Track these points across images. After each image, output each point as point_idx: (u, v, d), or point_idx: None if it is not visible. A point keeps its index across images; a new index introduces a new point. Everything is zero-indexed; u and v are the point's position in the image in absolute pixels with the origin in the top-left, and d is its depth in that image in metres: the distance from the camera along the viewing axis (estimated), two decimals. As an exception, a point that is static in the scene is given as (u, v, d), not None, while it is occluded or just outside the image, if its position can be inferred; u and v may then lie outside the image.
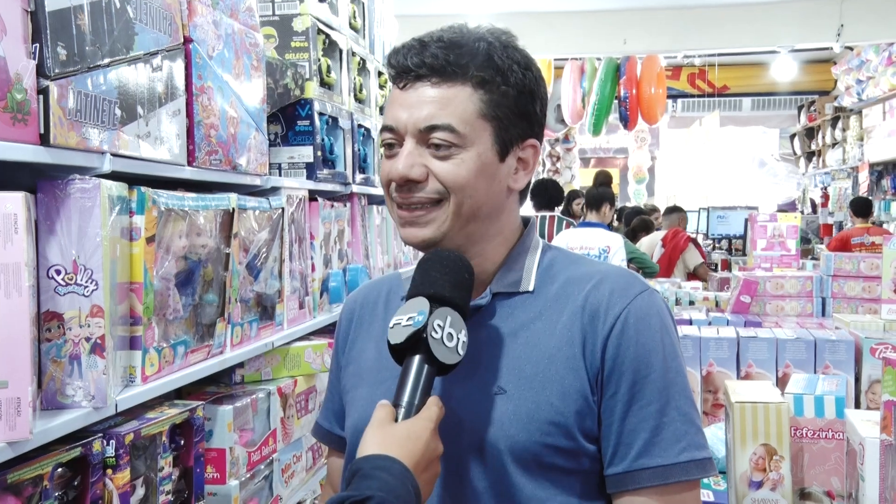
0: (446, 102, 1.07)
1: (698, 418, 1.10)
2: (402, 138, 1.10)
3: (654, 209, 9.58)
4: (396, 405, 1.00)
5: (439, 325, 1.01)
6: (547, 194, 6.00)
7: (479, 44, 1.09)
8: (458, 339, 1.02)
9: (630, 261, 5.29)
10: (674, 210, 7.80)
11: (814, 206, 11.66)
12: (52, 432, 1.31)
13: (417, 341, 1.01)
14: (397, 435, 0.96)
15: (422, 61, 1.08)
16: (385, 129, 1.12)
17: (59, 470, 1.35)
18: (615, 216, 5.79)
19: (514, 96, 1.10)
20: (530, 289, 1.14)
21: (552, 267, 1.16)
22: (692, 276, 6.23)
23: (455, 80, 1.08)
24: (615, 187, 12.62)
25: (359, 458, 0.95)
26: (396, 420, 0.99)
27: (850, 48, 9.00)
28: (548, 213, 5.93)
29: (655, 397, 1.07)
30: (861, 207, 7.87)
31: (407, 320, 1.02)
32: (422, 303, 1.03)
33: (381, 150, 1.18)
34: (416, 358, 1.01)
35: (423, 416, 0.99)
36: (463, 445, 1.08)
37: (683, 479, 1.06)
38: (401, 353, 1.03)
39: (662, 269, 6.29)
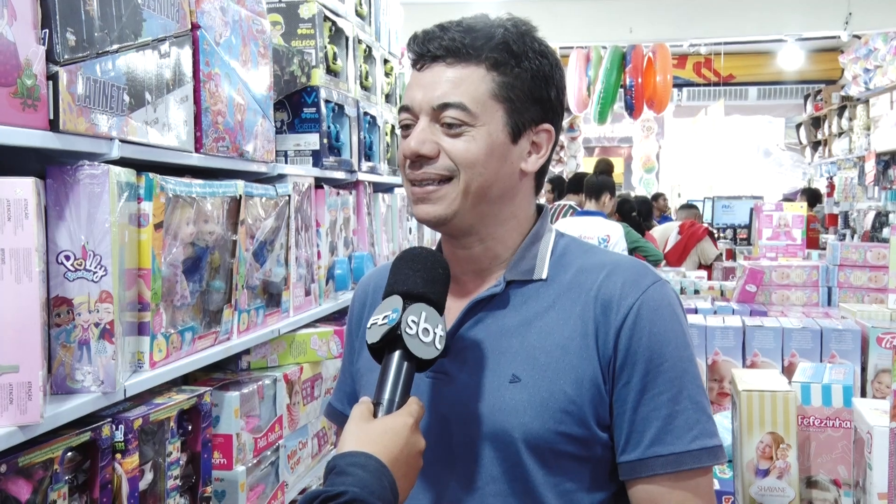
0: (459, 82, 1.09)
1: (709, 407, 1.12)
2: (417, 117, 1.12)
3: (659, 195, 9.59)
4: (377, 403, 1.01)
5: (413, 321, 1.02)
6: None
7: (497, 29, 1.12)
8: (435, 333, 1.03)
9: (634, 250, 5.23)
10: (688, 207, 7.80)
11: (819, 195, 11.62)
12: (62, 417, 1.32)
13: (393, 339, 1.02)
14: (375, 431, 0.97)
15: (439, 44, 1.10)
16: (402, 109, 1.14)
17: (69, 454, 1.36)
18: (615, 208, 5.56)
19: (528, 80, 1.12)
20: (543, 276, 1.15)
21: (565, 255, 1.17)
22: (703, 267, 6.16)
23: (469, 60, 1.10)
24: (619, 176, 12.57)
25: (335, 455, 0.96)
26: (376, 416, 1.00)
27: (858, 37, 8.93)
28: None
29: (667, 386, 1.08)
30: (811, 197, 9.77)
31: (382, 319, 1.03)
32: (395, 301, 1.04)
33: (398, 132, 1.19)
34: (395, 355, 1.03)
35: (402, 413, 1.00)
36: (477, 433, 1.10)
37: (695, 466, 1.07)
38: (379, 352, 1.04)
39: (676, 257, 6.24)
